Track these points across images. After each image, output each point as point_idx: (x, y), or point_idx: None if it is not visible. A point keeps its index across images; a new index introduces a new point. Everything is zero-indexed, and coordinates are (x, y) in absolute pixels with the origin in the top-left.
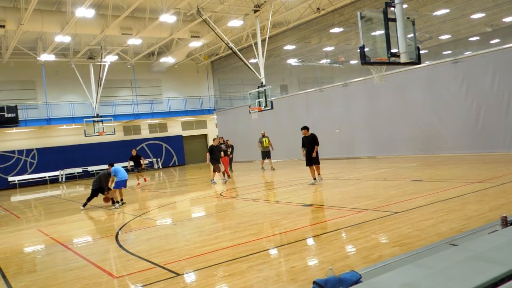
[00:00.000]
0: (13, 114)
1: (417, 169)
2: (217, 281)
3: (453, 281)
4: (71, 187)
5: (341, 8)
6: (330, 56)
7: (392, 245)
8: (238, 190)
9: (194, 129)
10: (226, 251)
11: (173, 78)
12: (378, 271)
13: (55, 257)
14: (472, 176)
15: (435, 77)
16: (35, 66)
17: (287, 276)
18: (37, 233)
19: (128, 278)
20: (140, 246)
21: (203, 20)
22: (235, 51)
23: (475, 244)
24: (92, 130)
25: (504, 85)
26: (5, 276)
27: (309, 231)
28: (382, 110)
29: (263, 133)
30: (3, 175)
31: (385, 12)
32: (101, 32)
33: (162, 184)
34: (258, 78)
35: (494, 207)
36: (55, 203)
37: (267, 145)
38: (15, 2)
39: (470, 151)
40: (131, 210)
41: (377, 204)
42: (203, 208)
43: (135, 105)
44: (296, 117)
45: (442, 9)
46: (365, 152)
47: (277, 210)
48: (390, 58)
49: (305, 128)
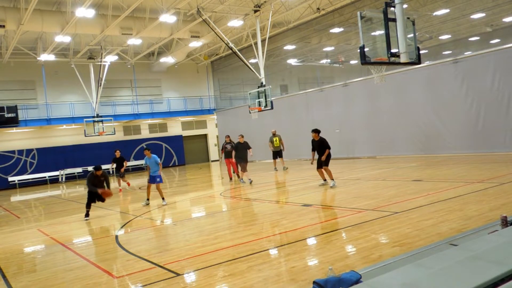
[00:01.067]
0: (13, 114)
1: (417, 169)
2: (217, 281)
3: (453, 281)
4: (71, 187)
5: (341, 8)
6: (330, 56)
7: (392, 245)
8: (238, 190)
9: (194, 129)
10: (226, 251)
11: (173, 78)
12: (378, 271)
13: (55, 257)
14: (472, 176)
15: (435, 77)
16: (35, 66)
17: (287, 276)
18: (37, 233)
19: (128, 278)
20: (140, 246)
21: (203, 20)
22: (235, 51)
23: (475, 244)
24: (92, 130)
25: (504, 85)
26: (5, 276)
27: (309, 231)
28: (382, 110)
29: (273, 131)
30: (3, 175)
31: (385, 12)
32: (101, 32)
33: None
34: (258, 78)
35: (494, 207)
36: (55, 203)
37: (278, 145)
38: (15, 2)
39: (470, 151)
40: (131, 210)
41: (377, 204)
42: (203, 208)
43: (135, 105)
44: (296, 117)
45: (442, 9)
46: (365, 152)
47: (277, 210)
48: (390, 58)
49: (315, 131)
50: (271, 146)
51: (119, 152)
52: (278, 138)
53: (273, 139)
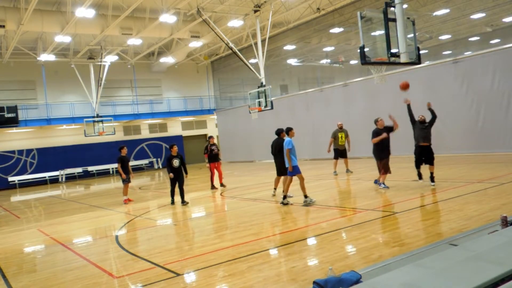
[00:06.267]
0: (13, 114)
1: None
2: (217, 281)
3: (453, 281)
4: (71, 187)
5: (341, 8)
6: (330, 56)
7: (392, 245)
8: (239, 190)
9: (194, 129)
10: (226, 251)
11: (173, 78)
12: (378, 271)
13: (55, 257)
14: (472, 176)
15: (435, 77)
16: (35, 66)
17: (287, 276)
18: (37, 233)
19: (128, 278)
20: (140, 246)
21: (203, 20)
22: (235, 51)
23: (475, 244)
24: (92, 130)
25: (504, 85)
26: (5, 276)
27: (309, 231)
28: (382, 110)
29: (340, 124)
30: (3, 175)
31: (385, 12)
32: (101, 32)
33: (162, 184)
34: (258, 78)
35: (494, 207)
36: (55, 203)
37: (343, 142)
38: (15, 2)
39: (470, 151)
40: (131, 210)
41: (377, 204)
42: (203, 208)
43: (135, 105)
44: (296, 117)
45: (442, 9)
46: (365, 152)
47: (277, 210)
48: (390, 58)
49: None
50: (334, 143)
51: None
52: (344, 134)
53: (338, 134)
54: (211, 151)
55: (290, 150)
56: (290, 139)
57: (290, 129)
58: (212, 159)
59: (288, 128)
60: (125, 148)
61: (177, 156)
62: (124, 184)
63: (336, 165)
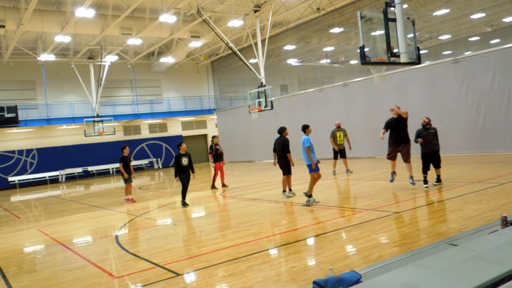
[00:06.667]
0: (13, 114)
1: (416, 169)
2: (217, 281)
3: (453, 281)
4: (71, 187)
5: (341, 8)
6: (330, 56)
7: (392, 245)
8: (239, 190)
9: (194, 129)
10: (226, 251)
11: (173, 78)
12: (378, 271)
13: (55, 257)
14: (472, 176)
15: (435, 77)
16: (35, 66)
17: (287, 276)
18: (37, 233)
19: (128, 278)
20: (140, 246)
21: (203, 20)
22: (235, 51)
23: (475, 244)
24: (92, 130)
25: (504, 85)
26: (5, 276)
27: (309, 231)
28: (382, 110)
29: (338, 124)
30: (3, 175)
31: (385, 12)
32: (101, 32)
33: (162, 184)
34: (258, 78)
35: (494, 207)
36: (55, 203)
37: (342, 141)
38: (15, 2)
39: (470, 151)
40: (131, 210)
41: (377, 204)
42: (203, 208)
43: (135, 105)
44: (296, 117)
45: (442, 9)
46: (365, 152)
47: (277, 210)
48: (390, 58)
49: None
50: (333, 143)
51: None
52: (342, 133)
53: (336, 134)
54: (216, 151)
55: (309, 148)
56: (307, 136)
57: (306, 126)
58: (217, 158)
59: (304, 126)
60: (127, 148)
61: (185, 154)
62: (126, 184)
63: (335, 165)
